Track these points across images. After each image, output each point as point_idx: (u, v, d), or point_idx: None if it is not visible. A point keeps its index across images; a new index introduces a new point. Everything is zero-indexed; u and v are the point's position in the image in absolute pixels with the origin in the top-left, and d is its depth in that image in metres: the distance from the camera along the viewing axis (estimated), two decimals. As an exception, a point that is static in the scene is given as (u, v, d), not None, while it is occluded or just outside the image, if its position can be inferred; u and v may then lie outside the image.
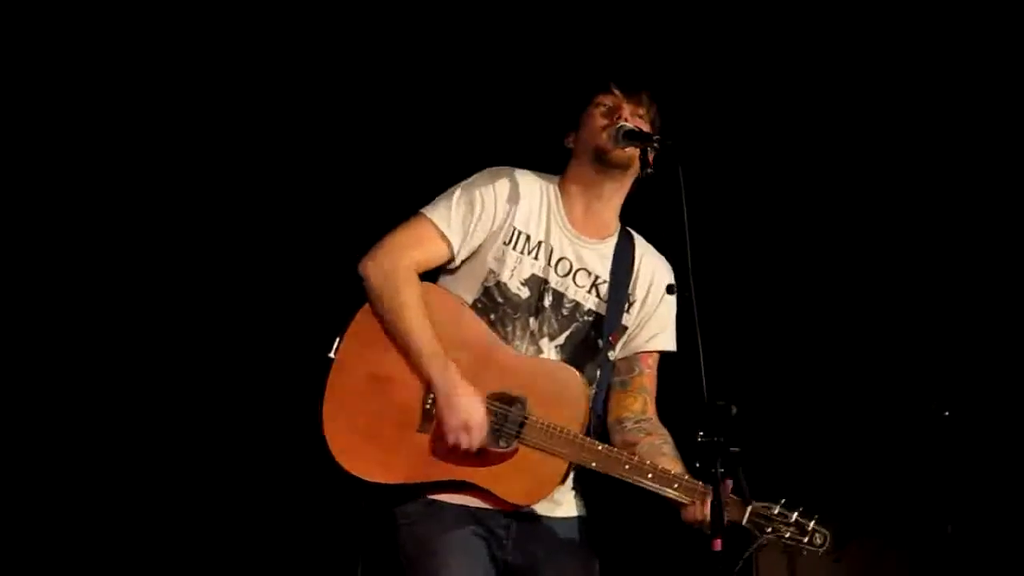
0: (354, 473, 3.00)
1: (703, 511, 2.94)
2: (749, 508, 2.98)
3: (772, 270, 4.97)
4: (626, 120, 3.12)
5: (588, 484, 3.25)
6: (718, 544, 2.83)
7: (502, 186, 3.13)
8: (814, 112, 4.89)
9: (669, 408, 3.31)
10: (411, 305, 3.01)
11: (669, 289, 3.12)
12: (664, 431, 3.21)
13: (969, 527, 4.63)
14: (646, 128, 3.14)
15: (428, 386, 3.01)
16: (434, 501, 3.04)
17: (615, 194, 3.23)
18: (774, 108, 4.90)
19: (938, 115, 4.83)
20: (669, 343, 3.28)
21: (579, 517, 3.20)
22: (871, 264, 4.95)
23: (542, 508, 3.13)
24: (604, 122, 3.14)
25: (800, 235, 4.98)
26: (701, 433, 3.02)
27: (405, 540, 3.06)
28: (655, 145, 2.97)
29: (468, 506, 3.05)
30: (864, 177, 4.93)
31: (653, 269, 3.27)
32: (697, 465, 3.00)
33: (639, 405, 3.24)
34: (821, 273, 4.96)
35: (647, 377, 3.27)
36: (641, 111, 3.17)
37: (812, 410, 4.87)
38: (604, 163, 3.15)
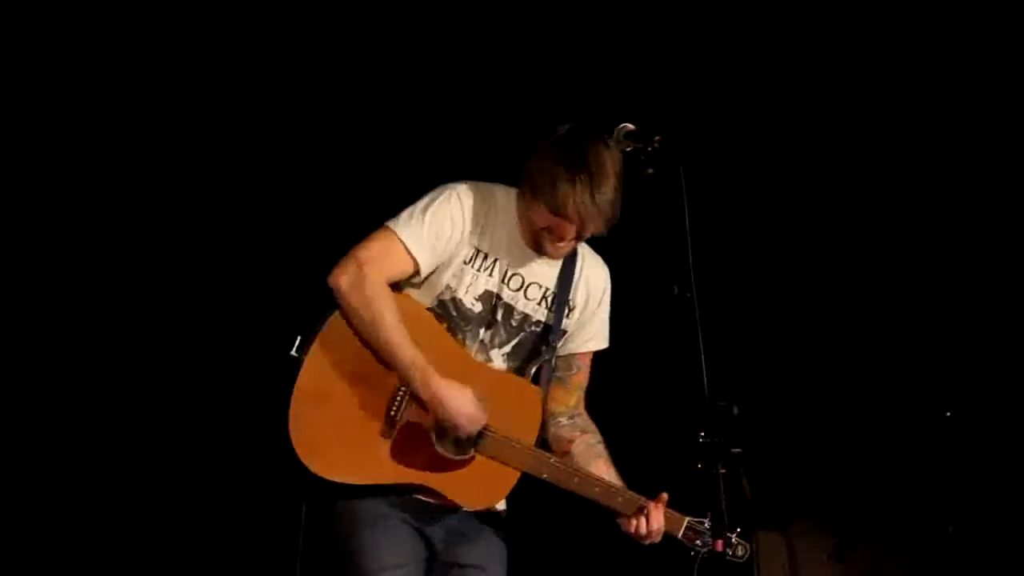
0: (321, 475, 3.01)
1: (641, 524, 3.13)
2: (685, 522, 3.17)
3: (773, 270, 4.97)
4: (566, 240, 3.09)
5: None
6: (719, 545, 2.86)
7: (468, 206, 3.14)
8: (814, 111, 4.89)
9: (669, 408, 3.31)
10: (388, 317, 3.02)
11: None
12: (595, 428, 3.32)
13: (969, 527, 4.63)
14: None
15: (393, 394, 3.05)
16: (378, 484, 3.08)
17: None
18: (773, 107, 4.90)
19: (938, 115, 4.84)
20: (603, 343, 3.36)
21: (501, 512, 3.27)
22: (871, 264, 4.96)
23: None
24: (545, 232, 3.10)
25: (800, 235, 4.99)
26: (702, 434, 3.04)
27: (342, 513, 3.08)
28: (655, 144, 2.96)
29: (411, 495, 3.11)
30: (864, 177, 4.93)
31: (591, 275, 3.30)
32: (699, 466, 3.01)
33: (574, 401, 3.34)
34: (821, 273, 4.96)
35: (583, 375, 3.36)
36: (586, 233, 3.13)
37: (813, 410, 4.87)
38: (536, 251, 3.18)
